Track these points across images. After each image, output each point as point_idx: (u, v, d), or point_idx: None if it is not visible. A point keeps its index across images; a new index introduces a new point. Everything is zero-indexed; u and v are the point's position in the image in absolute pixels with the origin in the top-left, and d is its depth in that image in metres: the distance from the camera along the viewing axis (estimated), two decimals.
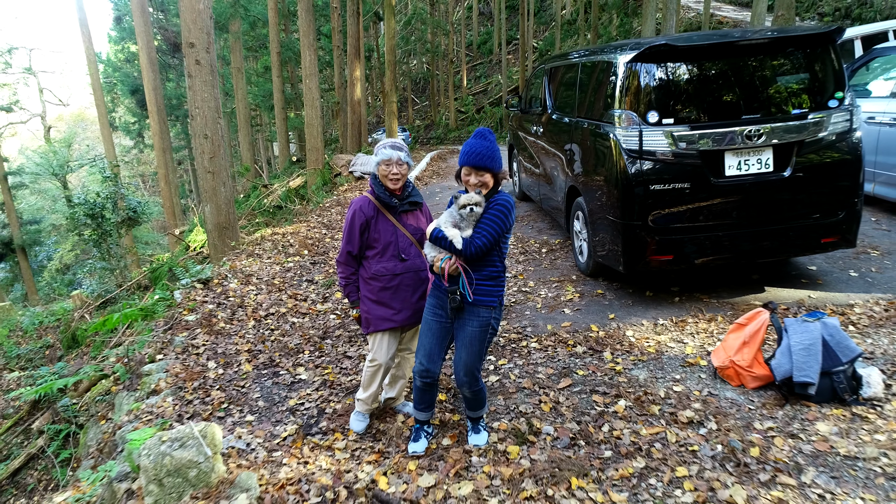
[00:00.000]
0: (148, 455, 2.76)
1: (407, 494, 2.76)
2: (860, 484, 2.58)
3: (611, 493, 2.67)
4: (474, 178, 2.83)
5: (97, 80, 15.79)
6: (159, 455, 2.74)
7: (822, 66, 4.25)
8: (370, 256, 3.19)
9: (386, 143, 3.21)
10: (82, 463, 4.45)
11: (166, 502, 2.73)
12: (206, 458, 2.76)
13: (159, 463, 2.72)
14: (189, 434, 2.82)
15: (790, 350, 3.26)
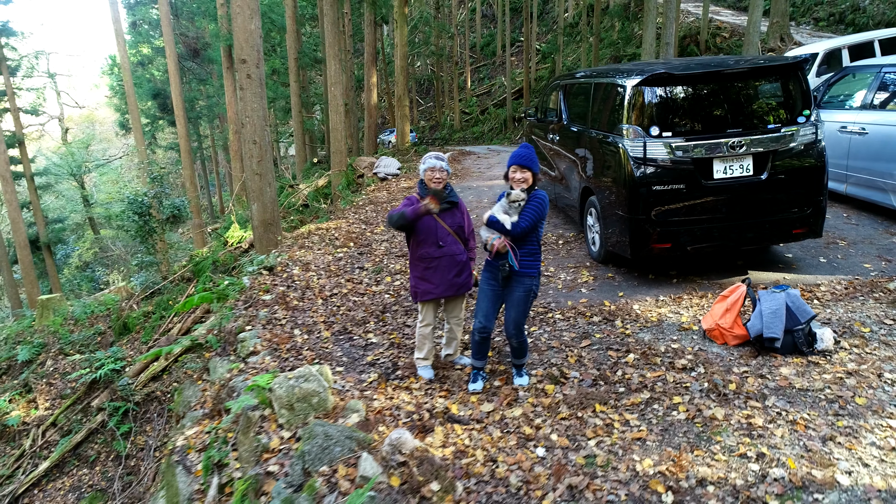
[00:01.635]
0: (280, 387, 3.72)
1: (473, 416, 3.73)
2: (808, 405, 3.54)
3: (625, 414, 3.63)
4: (519, 175, 3.79)
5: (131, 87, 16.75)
6: (290, 387, 3.70)
7: (792, 89, 5.21)
8: (416, 243, 4.15)
9: (431, 155, 4.17)
10: (187, 414, 5.37)
11: (295, 422, 3.68)
12: (325, 389, 3.72)
13: (290, 392, 3.68)
14: (309, 372, 3.77)
15: (762, 314, 4.22)
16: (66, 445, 10.08)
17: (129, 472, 9.70)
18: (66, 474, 10.12)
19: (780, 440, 3.23)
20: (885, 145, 6.50)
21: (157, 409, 10.24)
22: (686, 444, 3.30)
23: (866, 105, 6.95)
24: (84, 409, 10.59)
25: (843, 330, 4.41)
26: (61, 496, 9.88)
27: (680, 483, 2.99)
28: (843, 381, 3.74)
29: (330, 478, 3.07)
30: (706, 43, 25.40)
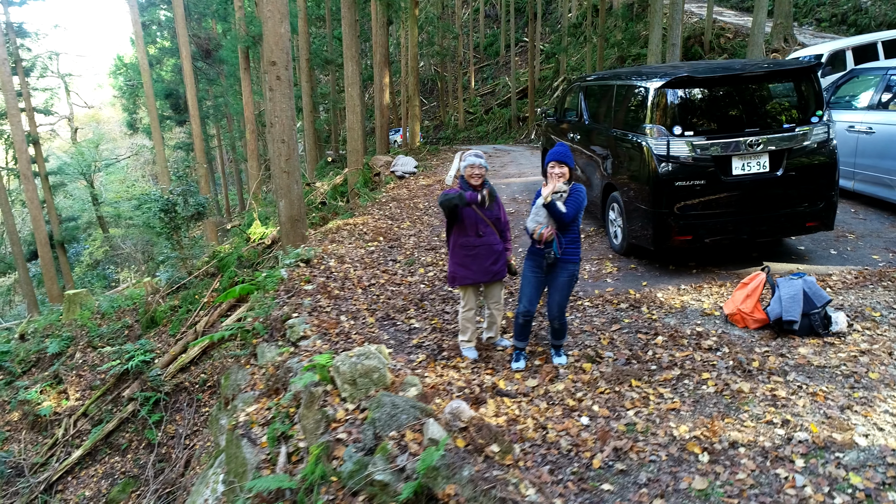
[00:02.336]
0: (344, 364, 4.08)
1: (519, 390, 4.09)
2: (826, 380, 3.89)
3: (659, 388, 3.99)
4: (558, 170, 4.15)
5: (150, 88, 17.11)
6: (353, 364, 4.05)
7: (805, 90, 5.57)
8: (458, 232, 4.50)
9: (471, 153, 4.53)
10: (238, 395, 5.72)
11: (358, 396, 4.04)
12: (384, 366, 4.08)
13: (354, 369, 4.04)
14: (370, 351, 4.13)
15: (780, 299, 4.57)
16: (99, 434, 10.44)
17: (160, 460, 10.07)
18: (98, 462, 10.48)
19: (802, 409, 3.59)
20: (891, 144, 6.86)
21: (187, 399, 10.63)
22: (717, 413, 3.65)
23: (873, 105, 7.30)
24: (114, 400, 10.95)
25: (856, 314, 4.76)
26: (94, 483, 10.23)
27: (714, 445, 3.34)
28: (857, 358, 4.09)
29: (399, 441, 3.42)
30: (710, 44, 25.70)
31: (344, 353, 4.21)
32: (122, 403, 10.74)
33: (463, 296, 4.60)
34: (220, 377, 10.76)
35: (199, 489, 6.11)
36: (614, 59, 29.43)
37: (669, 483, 3.09)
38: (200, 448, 9.10)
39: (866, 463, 3.06)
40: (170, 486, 9.42)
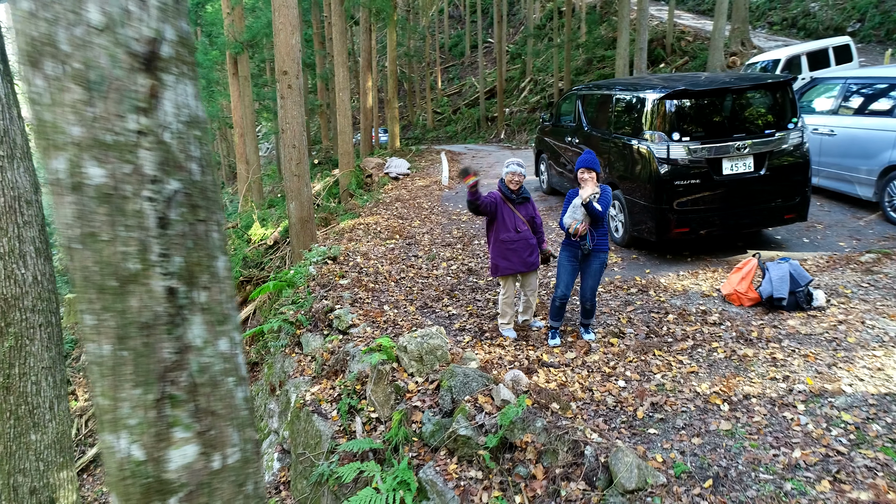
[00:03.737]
0: (411, 343, 4.71)
1: (561, 361, 4.80)
2: (813, 344, 4.71)
3: (678, 356, 4.75)
4: (587, 175, 4.86)
5: None
6: (419, 343, 4.70)
7: (782, 100, 6.43)
8: (498, 229, 5.17)
9: (512, 161, 5.20)
10: (289, 381, 6.27)
11: (424, 370, 4.68)
12: (445, 344, 4.74)
13: (420, 347, 4.68)
14: (433, 331, 4.78)
15: (771, 280, 5.39)
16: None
17: None
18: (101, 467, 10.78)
19: (797, 367, 4.39)
20: (851, 144, 7.81)
21: None
22: (729, 373, 4.43)
23: (834, 110, 8.27)
24: None
25: (831, 292, 5.63)
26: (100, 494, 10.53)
27: (731, 397, 4.11)
28: (837, 327, 4.93)
29: (474, 403, 4.09)
30: (672, 46, 26.98)
31: (408, 335, 4.86)
32: None
33: (503, 284, 5.28)
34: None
35: None
36: (581, 61, 30.51)
37: (701, 427, 3.84)
38: None
39: (853, 404, 3.87)
40: None
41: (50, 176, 1.17)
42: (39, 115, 1.12)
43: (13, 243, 4.73)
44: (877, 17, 23.79)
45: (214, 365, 1.30)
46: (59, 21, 1.06)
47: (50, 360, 5.09)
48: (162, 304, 1.18)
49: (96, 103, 1.09)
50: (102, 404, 1.24)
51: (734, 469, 3.43)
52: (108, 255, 1.15)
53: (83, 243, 1.15)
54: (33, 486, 5.18)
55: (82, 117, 1.09)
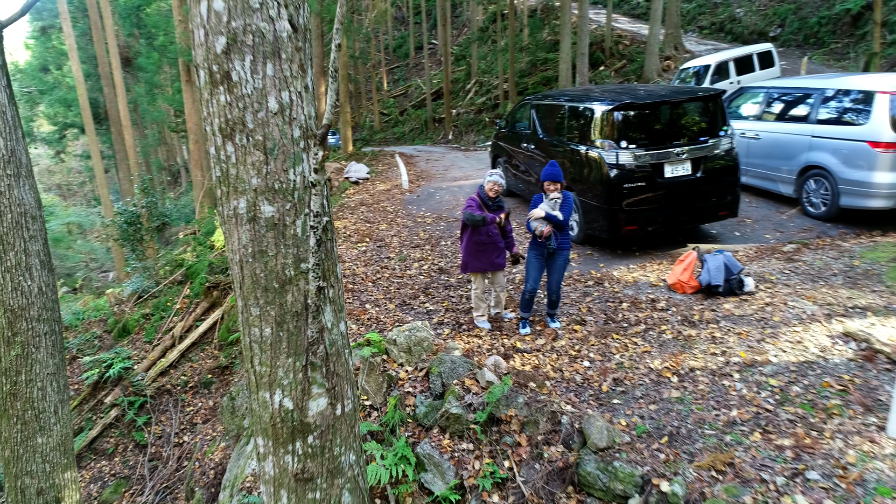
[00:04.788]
0: (399, 336, 5.24)
1: (532, 347, 5.43)
2: (745, 323, 5.50)
3: (633, 338, 5.45)
4: (552, 186, 5.50)
5: (85, 101, 16.97)
6: (407, 336, 5.23)
7: (714, 111, 7.26)
8: (473, 232, 5.76)
9: (494, 173, 5.77)
10: None
11: (413, 360, 5.22)
12: (431, 336, 5.29)
13: (409, 339, 5.22)
14: (419, 325, 5.33)
15: (708, 270, 6.18)
16: (83, 441, 10.82)
17: (150, 459, 10.60)
18: (83, 468, 10.86)
19: (732, 343, 5.15)
20: (773, 147, 8.78)
21: (171, 401, 11.19)
22: (677, 350, 5.15)
23: (759, 116, 9.23)
24: (94, 408, 11.32)
25: (759, 278, 6.47)
26: (83, 487, 10.62)
27: (679, 371, 4.83)
28: (764, 308, 5.74)
29: (462, 386, 4.67)
30: (610, 50, 28.26)
31: (396, 329, 5.39)
32: (102, 410, 11.15)
33: (474, 280, 5.87)
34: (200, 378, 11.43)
35: (237, 465, 7.02)
36: (525, 64, 31.49)
37: (656, 395, 4.54)
38: (201, 440, 9.78)
39: (778, 371, 4.64)
40: (166, 482, 10.03)
41: (228, 212, 1.68)
42: (226, 170, 1.63)
43: (20, 257, 5.02)
44: (795, 22, 25.62)
45: (338, 340, 1.83)
46: (248, 108, 1.57)
47: (54, 366, 5.38)
48: (311, 298, 1.70)
49: (270, 162, 1.61)
50: (260, 371, 1.75)
51: (684, 427, 4.13)
52: (272, 265, 1.67)
53: (254, 257, 1.67)
54: (40, 486, 5.46)
55: (260, 172, 1.61)
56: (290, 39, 1.58)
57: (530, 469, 4.05)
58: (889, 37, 21.08)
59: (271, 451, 1.83)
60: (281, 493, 1.83)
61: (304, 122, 1.65)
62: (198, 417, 10.77)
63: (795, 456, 3.72)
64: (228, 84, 1.55)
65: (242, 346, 1.84)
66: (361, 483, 1.99)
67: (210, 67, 1.58)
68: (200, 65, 1.61)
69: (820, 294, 5.87)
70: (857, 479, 3.49)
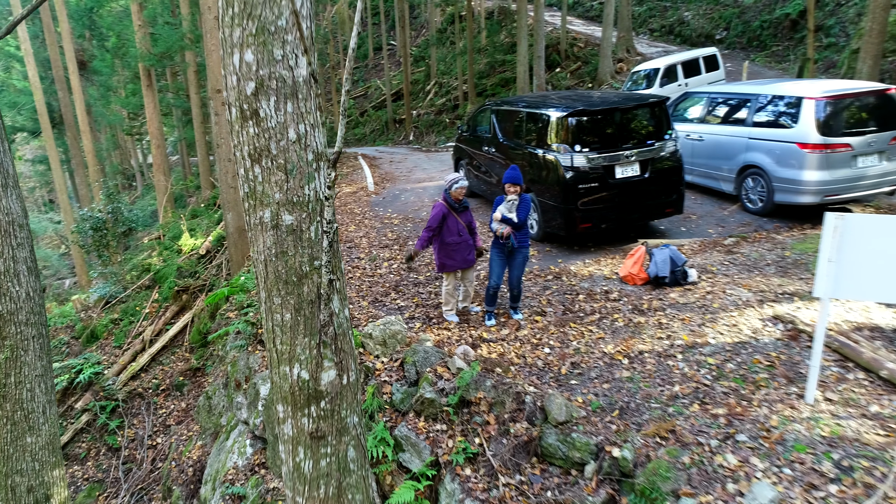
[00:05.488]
0: (375, 330, 5.64)
1: (497, 337, 5.90)
2: (688, 310, 6.08)
3: (588, 327, 5.97)
4: (512, 188, 5.98)
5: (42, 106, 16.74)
6: (382, 329, 5.64)
7: (659, 116, 7.87)
8: (445, 234, 6.21)
9: (459, 177, 6.21)
10: (256, 374, 6.98)
11: (388, 352, 5.63)
12: (404, 329, 5.71)
13: (384, 333, 5.62)
14: (393, 319, 5.74)
15: (656, 263, 6.76)
16: None
17: (124, 462, 10.72)
18: None
19: (676, 328, 5.72)
20: (715, 148, 9.47)
21: (143, 404, 11.32)
22: (628, 336, 5.70)
23: (701, 119, 9.93)
24: (63, 414, 11.35)
25: (702, 270, 7.09)
26: None
27: (630, 354, 5.37)
28: (706, 296, 6.34)
29: (434, 373, 5.10)
30: (566, 52, 29.05)
31: (372, 323, 5.79)
32: (73, 416, 11.19)
33: (446, 278, 6.31)
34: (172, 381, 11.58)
35: (218, 460, 7.31)
36: (484, 65, 32.07)
37: (609, 376, 5.06)
38: (176, 440, 9.96)
39: (715, 351, 5.21)
40: (141, 483, 10.18)
41: (255, 220, 2.08)
42: (253, 187, 2.03)
43: (8, 263, 5.23)
44: (739, 26, 26.84)
45: (344, 323, 2.25)
46: (272, 138, 1.98)
47: (42, 368, 5.61)
48: (323, 289, 2.11)
49: (290, 181, 2.02)
50: (281, 349, 2.16)
51: (633, 402, 4.65)
52: (292, 263, 2.08)
53: (277, 257, 2.07)
54: (30, 484, 5.68)
55: (282, 188, 2.02)
56: (305, 83, 1.99)
57: (498, 444, 4.52)
58: (825, 40, 22.36)
59: (290, 415, 2.23)
60: (298, 449, 2.23)
61: (317, 148, 2.06)
62: (171, 419, 10.93)
63: (728, 422, 4.28)
64: (256, 119, 1.96)
65: (265, 330, 2.23)
66: (362, 441, 2.41)
67: (241, 106, 1.97)
68: (233, 103, 2.00)
69: (754, 282, 6.51)
70: (779, 438, 4.06)
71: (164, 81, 29.58)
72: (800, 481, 3.69)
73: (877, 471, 3.68)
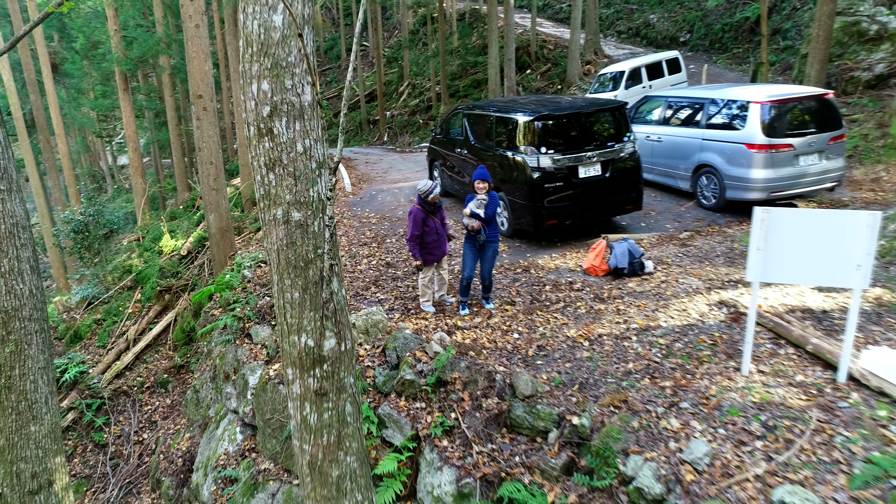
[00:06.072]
0: (357, 320, 6.12)
1: (471, 325, 6.43)
2: (644, 298, 6.68)
3: (554, 314, 6.53)
4: (481, 185, 6.51)
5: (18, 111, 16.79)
6: (365, 319, 6.12)
7: (619, 120, 8.48)
8: (425, 234, 6.72)
9: (435, 184, 6.71)
10: (245, 366, 7.39)
11: (370, 340, 6.11)
12: (385, 319, 6.19)
13: (367, 322, 6.10)
14: (374, 310, 6.22)
15: (616, 255, 7.35)
16: None
17: (111, 458, 11.00)
18: None
19: (633, 314, 6.31)
20: (673, 149, 10.13)
21: (128, 401, 11.60)
22: (589, 321, 6.27)
23: (660, 122, 10.59)
24: None
25: (658, 261, 7.71)
26: None
27: (590, 337, 5.94)
28: (660, 285, 6.95)
29: (414, 357, 5.61)
30: (536, 54, 29.73)
31: (354, 314, 6.27)
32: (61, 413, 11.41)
33: (425, 271, 6.81)
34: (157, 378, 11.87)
35: (209, 447, 7.71)
36: (456, 67, 32.60)
37: (571, 356, 5.62)
38: (164, 435, 10.29)
39: (666, 333, 5.81)
40: (129, 478, 10.49)
41: (269, 217, 2.56)
42: (268, 190, 2.52)
43: (13, 263, 5.59)
44: (702, 28, 27.78)
45: (342, 300, 2.74)
46: (284, 151, 2.46)
47: (44, 361, 5.96)
48: (325, 272, 2.61)
49: (298, 185, 2.51)
50: (291, 322, 2.64)
51: (592, 378, 5.22)
52: (300, 251, 2.56)
53: (287, 247, 2.56)
54: (34, 471, 6.03)
55: (292, 191, 2.51)
56: (310, 107, 2.48)
57: (472, 417, 5.04)
58: (783, 42, 23.36)
59: (298, 377, 2.72)
60: (305, 405, 2.72)
61: (319, 158, 2.55)
62: (156, 416, 11.25)
63: (673, 392, 4.86)
64: (271, 136, 2.44)
65: (277, 307, 2.71)
66: (357, 398, 2.91)
67: (259, 125, 2.45)
68: (251, 123, 2.48)
69: (704, 272, 7.14)
70: (716, 405, 4.65)
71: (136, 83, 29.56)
72: (731, 439, 4.28)
73: (796, 428, 4.29)
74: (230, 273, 8.89)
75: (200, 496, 7.24)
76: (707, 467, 4.06)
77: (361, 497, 2.92)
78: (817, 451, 4.07)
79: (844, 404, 4.49)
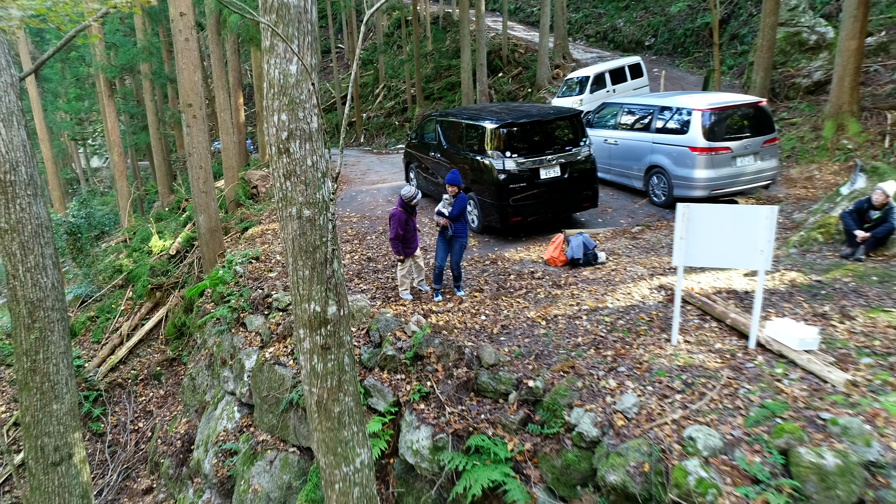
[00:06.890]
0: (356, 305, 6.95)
1: (444, 309, 7.31)
2: (596, 284, 7.62)
3: (517, 300, 7.45)
4: (451, 188, 7.40)
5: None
6: (351, 306, 6.95)
7: (576, 125, 9.44)
8: (406, 232, 7.58)
9: (413, 189, 7.56)
10: (241, 351, 8.16)
11: (356, 323, 6.95)
12: (368, 305, 7.04)
13: (352, 308, 6.94)
14: (359, 297, 7.07)
15: (572, 247, 8.30)
16: None
17: (109, 445, 11.65)
18: None
19: (585, 297, 7.25)
20: (628, 151, 11.13)
21: (123, 393, 12.25)
22: (547, 305, 7.19)
23: (616, 126, 11.59)
24: None
25: (610, 252, 8.67)
26: None
27: (547, 317, 6.86)
28: (611, 273, 7.91)
29: (394, 336, 6.47)
30: (507, 58, 30.72)
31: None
32: None
33: (402, 264, 7.68)
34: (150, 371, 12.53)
35: (208, 427, 8.47)
36: (430, 69, 33.44)
37: (530, 333, 6.53)
38: (160, 421, 10.99)
39: (612, 313, 6.75)
40: (127, 463, 11.17)
41: (285, 214, 3.42)
42: (285, 194, 3.38)
43: (38, 259, 6.33)
44: (665, 33, 29.02)
45: (341, 276, 3.61)
46: (297, 164, 3.32)
47: (64, 346, 6.70)
48: (328, 255, 3.47)
49: (308, 189, 3.37)
50: (303, 293, 3.50)
51: (546, 350, 6.14)
52: (309, 239, 3.42)
53: (300, 236, 3.42)
54: (56, 444, 6.77)
55: (303, 194, 3.37)
56: (317, 132, 3.34)
57: (445, 385, 5.93)
58: (740, 47, 24.63)
59: (308, 335, 3.56)
60: (313, 356, 3.58)
61: (323, 169, 3.41)
62: (151, 405, 11.94)
63: (613, 360, 5.80)
64: (288, 153, 3.29)
65: (291, 282, 3.55)
66: (352, 352, 3.77)
67: (279, 146, 3.30)
68: (273, 144, 3.32)
69: (650, 261, 8.12)
70: (647, 368, 5.60)
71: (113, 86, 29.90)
72: (656, 393, 5.22)
73: (710, 384, 5.25)
74: (222, 269, 9.64)
75: (202, 470, 8.00)
76: (635, 415, 5.00)
77: (357, 428, 3.79)
78: (724, 401, 5.04)
79: (751, 365, 5.47)
